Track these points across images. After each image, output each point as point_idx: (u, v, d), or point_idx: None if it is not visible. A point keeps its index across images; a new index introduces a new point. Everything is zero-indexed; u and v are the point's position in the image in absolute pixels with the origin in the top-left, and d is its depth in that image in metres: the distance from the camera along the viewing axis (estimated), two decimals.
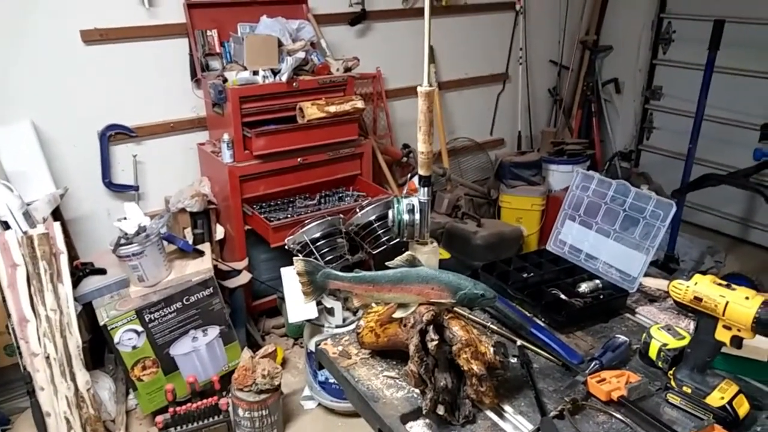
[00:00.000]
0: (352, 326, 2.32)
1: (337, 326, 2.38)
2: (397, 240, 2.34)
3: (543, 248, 1.77)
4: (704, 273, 2.86)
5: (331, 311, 2.37)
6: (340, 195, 3.06)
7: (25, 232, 2.18)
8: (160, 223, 2.42)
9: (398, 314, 1.22)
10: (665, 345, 1.27)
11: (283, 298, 2.55)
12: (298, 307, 2.29)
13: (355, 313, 2.38)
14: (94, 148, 2.84)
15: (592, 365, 1.25)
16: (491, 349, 1.17)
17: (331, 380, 2.35)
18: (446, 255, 3.16)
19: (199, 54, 2.86)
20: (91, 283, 2.43)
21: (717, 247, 3.70)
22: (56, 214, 2.59)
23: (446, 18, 3.76)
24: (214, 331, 2.47)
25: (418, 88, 1.31)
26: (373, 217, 2.46)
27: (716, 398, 1.13)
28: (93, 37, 2.71)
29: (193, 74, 2.94)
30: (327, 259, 2.42)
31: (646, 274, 1.55)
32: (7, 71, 2.57)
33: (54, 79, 2.68)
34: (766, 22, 3.56)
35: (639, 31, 4.21)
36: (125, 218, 2.42)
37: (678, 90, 4.15)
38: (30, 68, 2.62)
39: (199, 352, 2.44)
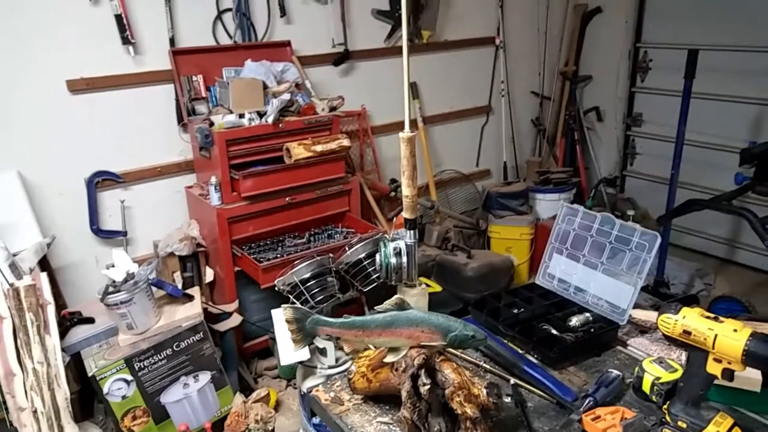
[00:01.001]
0: (345, 366, 2.31)
1: (330, 366, 2.35)
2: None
3: (532, 282, 1.77)
4: (695, 296, 2.86)
5: (323, 351, 2.35)
6: (330, 232, 3.06)
7: (11, 284, 2.15)
8: (148, 270, 2.40)
9: (389, 359, 1.22)
10: (658, 379, 1.27)
11: (275, 339, 2.52)
12: (291, 349, 2.26)
13: (348, 353, 2.36)
14: (81, 195, 2.83)
15: (587, 402, 1.25)
16: (484, 391, 1.16)
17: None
18: (437, 288, 3.16)
19: (185, 99, 2.89)
20: (80, 332, 2.39)
21: (706, 269, 3.73)
22: (43, 263, 2.57)
23: (428, 54, 3.84)
24: (205, 377, 2.43)
25: (400, 134, 1.33)
26: (363, 255, 2.46)
27: None
28: (79, 86, 2.73)
29: (180, 119, 2.97)
30: (318, 299, 2.40)
31: (636, 305, 1.56)
32: None
33: (40, 128, 2.69)
34: (739, 49, 3.66)
35: (617, 60, 4.31)
36: (113, 265, 2.41)
37: (658, 116, 4.23)
38: (15, 118, 2.62)
39: (190, 398, 2.40)
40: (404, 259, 1.34)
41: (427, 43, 3.78)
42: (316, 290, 2.40)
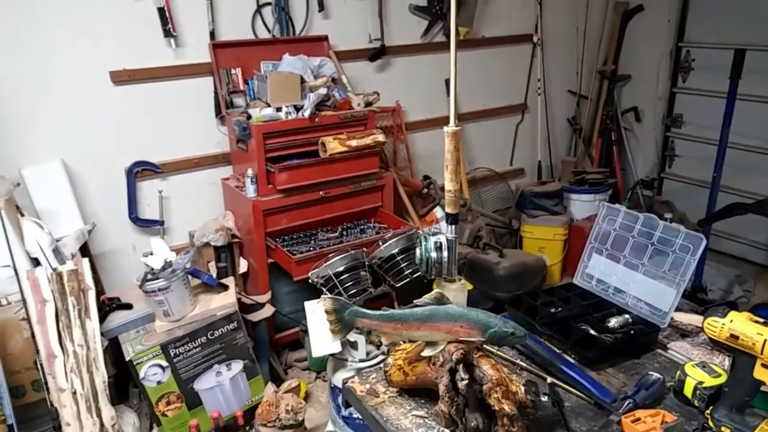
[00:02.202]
0: (376, 360, 2.32)
1: (361, 360, 2.36)
2: (420, 273, 2.35)
3: (570, 282, 1.75)
4: (734, 303, 2.79)
5: (354, 345, 2.36)
6: (362, 227, 3.07)
7: (54, 269, 2.22)
8: (185, 259, 2.44)
9: (427, 352, 1.21)
10: (701, 383, 1.24)
11: (306, 331, 2.54)
12: (322, 341, 2.28)
13: (378, 347, 2.36)
14: (121, 184, 2.90)
15: (626, 404, 1.23)
16: (522, 388, 1.15)
17: (355, 415, 2.32)
18: (469, 286, 3.13)
19: (223, 92, 2.93)
20: (118, 318, 2.45)
21: (745, 275, 3.63)
22: (84, 250, 2.64)
23: (464, 51, 3.81)
24: (237, 366, 2.47)
25: (445, 128, 1.32)
26: (396, 250, 2.46)
27: None
28: (122, 77, 2.80)
29: (218, 111, 3.01)
30: (351, 292, 2.41)
31: (677, 308, 1.52)
32: (38, 112, 2.65)
33: (83, 118, 2.76)
34: None
35: (657, 60, 4.22)
36: (151, 253, 2.46)
37: (699, 118, 4.12)
38: (60, 108, 2.70)
39: (223, 386, 2.44)
40: (445, 253, 1.33)
41: (464, 40, 3.75)
42: (350, 284, 2.40)
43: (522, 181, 4.33)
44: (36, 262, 2.29)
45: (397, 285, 2.48)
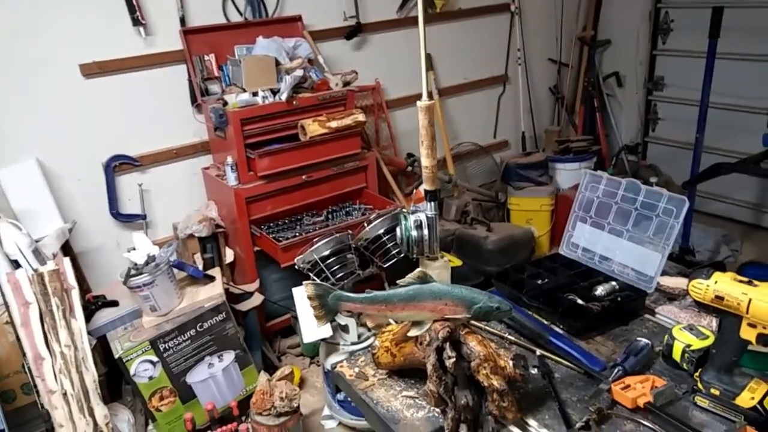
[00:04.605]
0: (368, 342, 2.31)
1: (353, 343, 2.36)
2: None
3: (556, 252, 1.74)
4: (721, 263, 2.80)
5: (345, 328, 2.35)
6: (347, 209, 3.04)
7: (35, 270, 2.18)
8: (168, 251, 2.40)
9: (413, 332, 1.20)
10: (689, 346, 1.23)
11: (296, 317, 2.53)
12: (312, 326, 2.27)
13: (370, 329, 2.36)
14: (99, 180, 2.84)
15: (615, 372, 1.23)
16: (511, 363, 1.14)
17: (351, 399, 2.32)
18: (458, 262, 3.14)
19: (197, 79, 2.87)
20: (104, 315, 2.42)
21: (732, 235, 3.65)
22: (66, 249, 2.60)
23: (441, 24, 3.75)
24: (229, 356, 2.45)
25: (418, 103, 1.29)
26: (382, 231, 2.44)
27: (746, 399, 1.10)
28: (92, 70, 2.72)
29: (193, 99, 2.95)
30: (338, 276, 2.40)
31: (663, 272, 1.52)
32: (8, 110, 2.58)
33: (56, 114, 2.69)
34: (766, 5, 3.52)
35: (636, 22, 4.18)
36: (134, 249, 2.42)
37: (681, 79, 4.10)
38: (31, 106, 2.63)
39: (215, 378, 2.42)
40: (425, 231, 1.31)
41: (440, 13, 3.69)
42: (336, 267, 2.39)
43: (506, 153, 4.30)
44: (16, 265, 2.25)
45: (385, 266, 2.47)
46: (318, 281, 1.28)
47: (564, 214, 3.66)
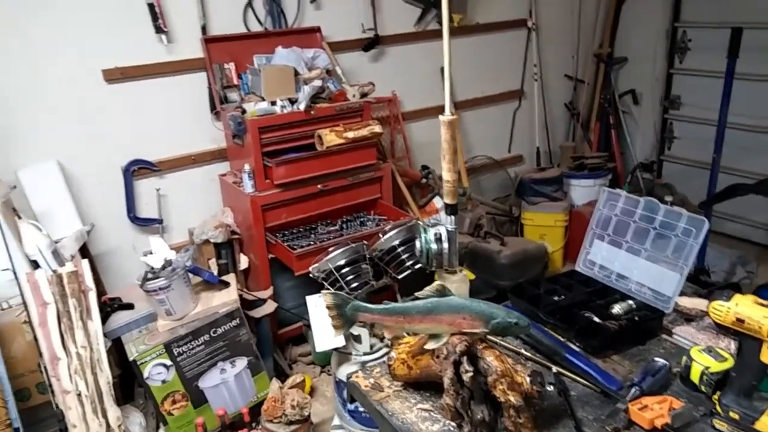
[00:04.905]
0: (380, 353, 2.31)
1: (365, 353, 2.35)
2: (421, 264, 2.34)
3: (572, 269, 1.74)
4: (737, 284, 2.78)
5: (358, 338, 2.35)
6: (362, 219, 3.06)
7: (54, 271, 2.21)
8: (185, 257, 2.43)
9: (430, 345, 1.20)
10: (707, 368, 1.23)
11: (309, 326, 2.54)
12: (325, 335, 2.27)
13: (382, 340, 2.36)
14: (118, 183, 2.88)
15: (633, 391, 1.22)
16: (528, 379, 1.15)
17: (361, 409, 2.32)
18: (470, 276, 3.13)
19: (217, 87, 2.90)
20: (120, 318, 2.44)
21: (748, 257, 3.62)
22: (83, 251, 2.63)
23: (459, 38, 3.78)
24: (242, 363, 2.46)
25: (440, 117, 1.31)
26: (397, 242, 2.45)
27: (766, 423, 1.09)
28: (114, 75, 2.77)
29: (213, 107, 2.98)
30: (352, 286, 2.40)
31: (681, 292, 1.51)
32: (32, 113, 2.63)
33: (77, 118, 2.74)
34: None
35: (653, 41, 4.19)
36: (151, 253, 2.44)
37: (697, 98, 4.10)
38: (54, 109, 2.67)
39: (228, 384, 2.43)
40: (445, 245, 1.32)
41: (458, 27, 3.72)
42: (351, 277, 2.39)
43: (521, 168, 4.31)
44: (35, 265, 2.28)
45: (399, 277, 2.47)
46: (335, 291, 1.29)
47: (578, 231, 3.69)
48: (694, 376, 1.24)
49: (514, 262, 3.23)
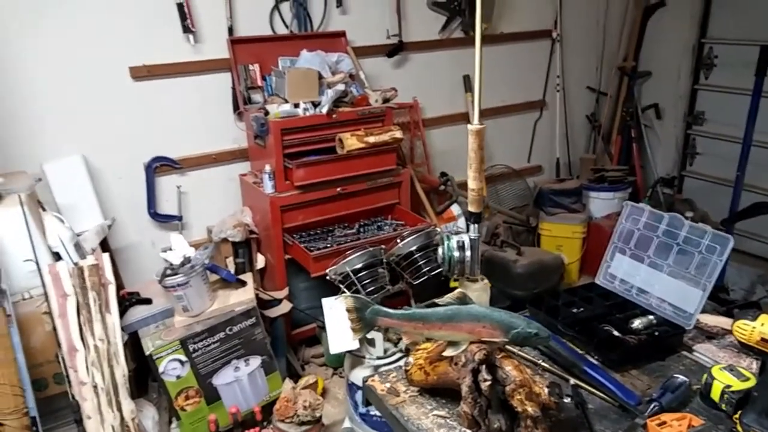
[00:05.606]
0: (393, 358, 2.31)
1: (378, 357, 2.35)
2: (439, 270, 2.34)
3: (592, 282, 1.73)
4: (757, 303, 2.74)
5: (371, 342, 2.35)
6: (379, 224, 3.07)
7: (75, 263, 2.24)
8: (204, 254, 2.45)
9: (448, 352, 1.20)
10: (729, 387, 1.21)
11: (323, 328, 2.55)
12: (340, 337, 2.28)
13: (396, 344, 2.36)
14: (140, 179, 2.92)
15: (652, 407, 1.21)
16: (546, 390, 1.14)
17: (373, 412, 2.32)
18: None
19: (241, 87, 2.93)
20: (137, 312, 2.47)
21: (767, 276, 3.57)
22: (104, 245, 2.66)
23: (483, 47, 3.77)
24: (256, 361, 2.48)
25: (469, 126, 1.31)
26: (414, 248, 2.45)
27: None
28: (141, 73, 2.81)
29: (236, 107, 3.02)
30: (368, 289, 2.41)
31: (702, 310, 1.50)
32: (58, 107, 2.68)
33: (103, 113, 2.78)
34: None
35: (679, 56, 4.15)
36: (170, 249, 2.47)
37: (722, 115, 4.05)
38: (80, 104, 2.72)
39: (241, 382, 2.45)
40: (467, 253, 1.32)
41: (482, 36, 3.71)
42: (368, 281, 2.40)
43: (540, 178, 4.29)
44: (57, 257, 2.32)
45: (415, 282, 2.47)
46: (356, 295, 1.30)
47: (596, 243, 3.67)
48: (715, 395, 1.23)
49: (530, 272, 3.21)
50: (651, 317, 1.52)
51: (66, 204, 2.62)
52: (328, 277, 2.48)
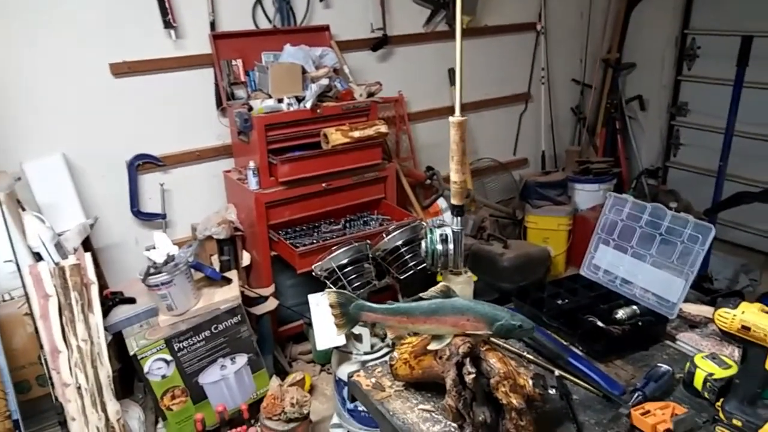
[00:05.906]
0: (380, 353, 2.31)
1: (365, 353, 2.35)
2: (424, 265, 2.33)
3: (576, 273, 1.73)
4: (740, 292, 2.77)
5: (359, 338, 2.35)
6: (365, 219, 3.05)
7: (57, 263, 2.21)
8: (188, 252, 2.43)
9: (433, 346, 1.20)
10: (711, 375, 1.22)
11: (309, 324, 2.54)
12: (326, 334, 2.27)
13: (383, 339, 2.35)
14: (122, 177, 2.88)
15: (635, 396, 1.21)
16: (530, 382, 1.14)
17: (361, 408, 2.31)
18: (473, 278, 3.12)
19: (224, 83, 2.90)
20: (121, 312, 2.44)
21: (751, 265, 3.61)
22: (86, 244, 2.63)
23: (467, 40, 3.72)
24: (242, 359, 2.46)
25: (450, 118, 1.30)
26: (400, 242, 2.44)
27: None
28: (122, 69, 2.77)
29: (219, 103, 2.99)
30: (354, 285, 2.40)
31: (685, 299, 1.51)
32: (38, 105, 2.63)
33: (84, 111, 2.74)
34: None
35: (662, 47, 4.18)
36: (154, 247, 2.44)
37: (705, 106, 4.08)
38: (60, 102, 2.68)
39: (227, 380, 2.43)
40: (450, 246, 1.32)
41: (466, 29, 3.70)
42: (353, 276, 2.39)
43: (526, 171, 4.30)
44: (38, 257, 2.28)
45: (401, 277, 2.47)
46: (339, 290, 1.29)
47: (581, 235, 3.69)
48: (698, 383, 1.23)
49: (517, 265, 3.22)
50: (635, 307, 1.52)
51: (47, 203, 2.59)
52: (314, 274, 2.46)
